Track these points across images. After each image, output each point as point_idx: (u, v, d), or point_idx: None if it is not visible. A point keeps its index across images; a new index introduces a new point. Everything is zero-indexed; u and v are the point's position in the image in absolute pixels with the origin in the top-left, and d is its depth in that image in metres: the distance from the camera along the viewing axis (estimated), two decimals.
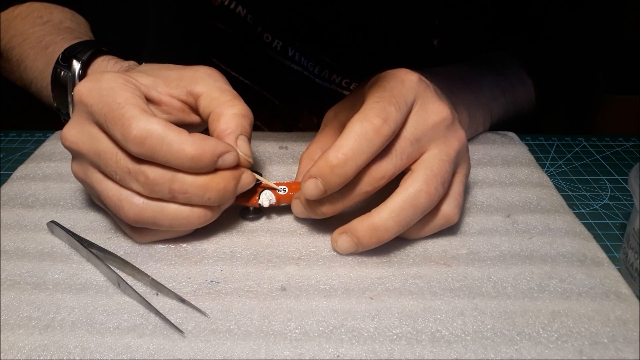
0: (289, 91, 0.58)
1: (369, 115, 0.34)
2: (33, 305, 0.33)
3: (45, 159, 0.47)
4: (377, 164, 0.35)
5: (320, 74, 0.57)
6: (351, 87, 0.57)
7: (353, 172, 0.34)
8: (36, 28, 0.54)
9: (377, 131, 0.33)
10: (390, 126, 0.34)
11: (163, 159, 0.33)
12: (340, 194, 0.36)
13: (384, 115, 0.34)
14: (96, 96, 0.34)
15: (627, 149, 0.54)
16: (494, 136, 0.52)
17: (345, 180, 0.34)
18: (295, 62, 0.56)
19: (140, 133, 0.32)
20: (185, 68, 0.39)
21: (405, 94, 0.36)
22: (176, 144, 0.33)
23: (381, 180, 0.35)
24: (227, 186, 0.35)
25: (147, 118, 0.33)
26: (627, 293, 0.34)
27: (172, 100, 0.38)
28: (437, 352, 0.30)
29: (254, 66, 0.57)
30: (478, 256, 0.37)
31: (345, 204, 0.36)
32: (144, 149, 0.33)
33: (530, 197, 0.43)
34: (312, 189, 0.35)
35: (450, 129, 0.37)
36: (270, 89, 0.59)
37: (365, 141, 0.33)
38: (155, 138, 0.33)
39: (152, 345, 0.30)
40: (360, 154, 0.33)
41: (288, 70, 0.57)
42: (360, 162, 0.34)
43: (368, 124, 0.34)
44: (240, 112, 0.37)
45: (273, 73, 0.57)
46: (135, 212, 0.34)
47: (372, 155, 0.34)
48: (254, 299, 0.33)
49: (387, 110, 0.34)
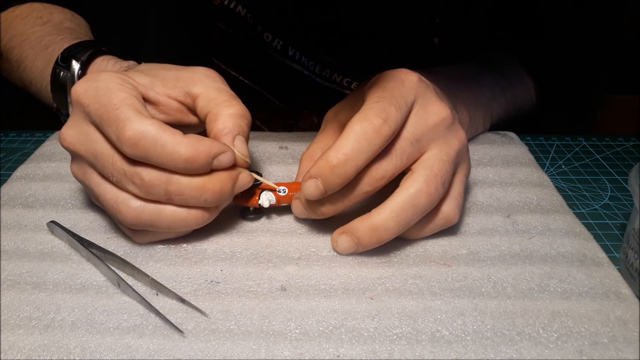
0: (289, 91, 0.58)
1: (369, 116, 0.34)
2: (33, 305, 0.33)
3: (45, 159, 0.47)
4: (377, 164, 0.35)
5: (321, 73, 0.57)
6: (352, 86, 0.57)
7: (353, 172, 0.34)
8: (36, 28, 0.54)
9: (377, 131, 0.33)
10: (390, 126, 0.34)
11: (157, 160, 0.33)
12: (340, 194, 0.36)
13: (384, 115, 0.34)
14: (92, 96, 0.34)
15: (627, 149, 0.54)
16: (494, 136, 0.52)
17: (345, 180, 0.34)
18: (296, 62, 0.56)
19: (133, 134, 0.32)
20: (183, 69, 0.39)
21: (406, 94, 0.36)
22: (170, 146, 0.33)
23: (381, 180, 0.35)
24: (223, 187, 0.35)
25: (141, 119, 0.33)
26: (627, 293, 0.34)
27: (169, 100, 0.38)
28: (437, 352, 0.30)
29: (254, 66, 0.57)
30: (478, 256, 0.37)
31: (345, 204, 0.36)
32: (138, 150, 0.33)
33: (530, 197, 0.43)
34: (312, 189, 0.35)
35: (450, 129, 0.37)
36: (271, 88, 0.59)
37: (366, 141, 0.33)
38: (149, 139, 0.32)
39: (152, 345, 0.30)
40: (360, 154, 0.34)
41: (288, 69, 0.57)
42: (361, 162, 0.34)
43: (368, 124, 0.34)
44: (238, 112, 0.37)
45: (273, 72, 0.57)
46: (132, 215, 0.34)
47: (372, 155, 0.34)
48: (254, 299, 0.33)
49: (387, 111, 0.34)
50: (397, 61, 0.38)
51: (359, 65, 0.56)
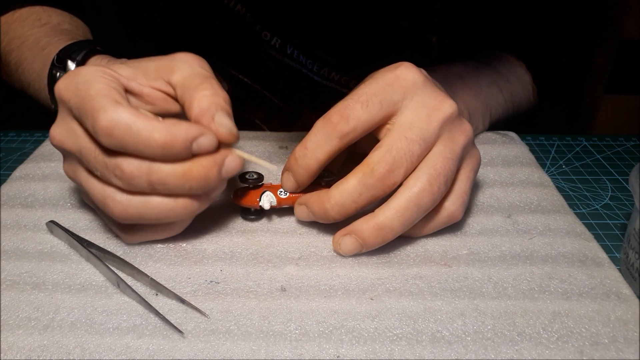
0: (288, 89, 0.58)
1: (330, 112, 0.36)
2: (32, 305, 0.33)
3: (45, 159, 0.47)
4: (387, 169, 0.35)
5: (320, 72, 0.57)
6: (350, 84, 0.57)
7: (314, 164, 0.36)
8: (34, 30, 0.53)
9: (334, 127, 0.35)
10: (349, 123, 0.35)
11: (134, 148, 0.32)
12: (351, 200, 0.35)
13: (344, 112, 0.35)
14: (73, 90, 0.33)
15: (627, 148, 0.54)
16: (495, 136, 0.52)
17: (308, 171, 0.36)
18: (294, 60, 0.56)
19: (107, 123, 0.31)
20: (162, 58, 0.38)
21: (387, 91, 0.36)
22: (145, 132, 0.31)
23: (393, 186, 0.35)
24: (208, 173, 0.33)
25: (115, 107, 0.32)
26: (628, 293, 0.34)
27: (153, 91, 0.37)
28: (438, 353, 0.30)
29: (253, 64, 0.57)
30: (478, 257, 0.37)
31: (356, 207, 0.36)
32: (113, 140, 0.32)
33: (530, 198, 0.43)
34: (286, 181, 0.38)
35: (455, 124, 0.37)
36: (270, 87, 0.59)
37: (323, 136, 0.35)
38: (123, 127, 0.31)
39: (152, 345, 0.30)
40: (318, 147, 0.36)
41: (287, 68, 0.57)
42: (320, 155, 0.36)
43: (327, 121, 0.35)
44: (211, 92, 0.35)
45: (272, 71, 0.57)
46: (119, 209, 0.34)
47: (331, 149, 0.36)
48: (254, 300, 0.33)
49: (350, 108, 0.35)
50: (395, 59, 0.38)
51: (357, 63, 0.56)
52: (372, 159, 0.35)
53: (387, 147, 0.35)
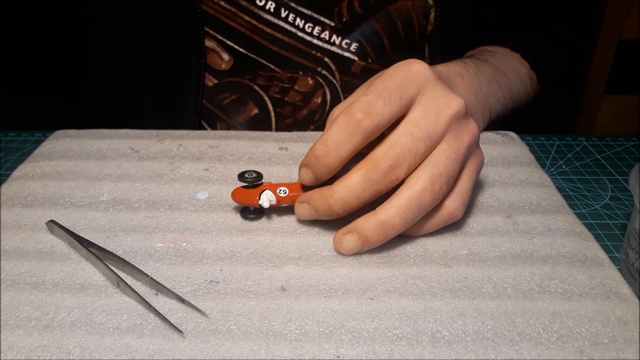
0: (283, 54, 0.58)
1: (352, 109, 0.35)
2: (32, 305, 0.33)
3: (44, 158, 0.47)
4: (391, 166, 0.35)
5: (312, 33, 0.57)
6: (351, 47, 0.57)
7: (337, 162, 0.35)
8: None
9: (357, 124, 0.34)
10: (373, 120, 0.34)
11: None
12: (355, 196, 0.35)
13: (367, 108, 0.34)
14: None
15: (627, 148, 0.54)
16: (495, 136, 0.52)
17: (330, 169, 0.36)
18: (289, 23, 0.56)
19: None
20: None
21: (405, 87, 0.35)
22: None
23: (395, 182, 0.35)
24: None
25: None
26: (628, 293, 0.34)
27: None
28: (438, 353, 0.30)
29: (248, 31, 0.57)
30: (478, 257, 0.37)
31: (359, 202, 0.36)
32: None
33: (530, 198, 0.43)
34: (304, 176, 0.38)
35: (462, 122, 0.37)
36: (266, 54, 0.59)
37: (346, 134, 0.35)
38: None
39: (152, 345, 0.30)
40: (341, 146, 0.35)
41: (282, 31, 0.57)
42: (343, 153, 0.35)
43: (350, 117, 0.35)
44: None
45: (267, 37, 0.57)
46: None
47: (355, 147, 0.35)
48: (254, 299, 0.33)
49: (373, 104, 0.35)
50: (390, 19, 0.38)
51: (353, 23, 0.55)
52: (376, 155, 0.35)
53: (392, 143, 0.35)
